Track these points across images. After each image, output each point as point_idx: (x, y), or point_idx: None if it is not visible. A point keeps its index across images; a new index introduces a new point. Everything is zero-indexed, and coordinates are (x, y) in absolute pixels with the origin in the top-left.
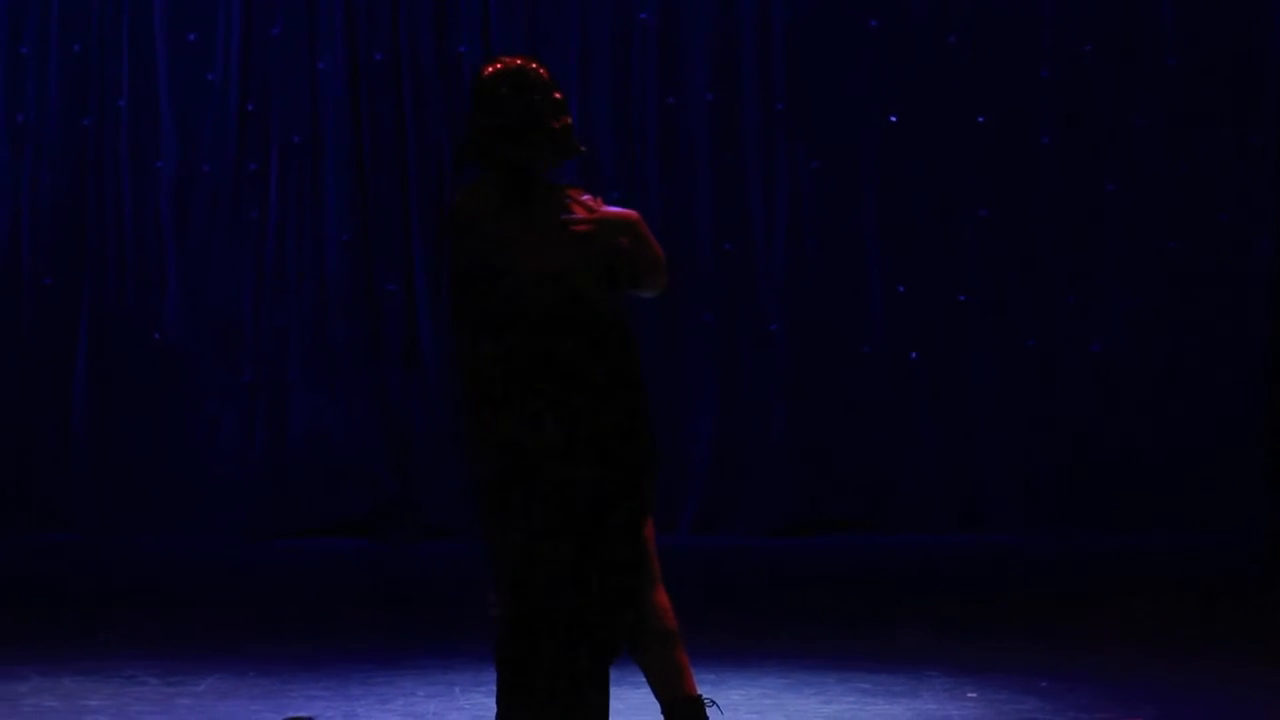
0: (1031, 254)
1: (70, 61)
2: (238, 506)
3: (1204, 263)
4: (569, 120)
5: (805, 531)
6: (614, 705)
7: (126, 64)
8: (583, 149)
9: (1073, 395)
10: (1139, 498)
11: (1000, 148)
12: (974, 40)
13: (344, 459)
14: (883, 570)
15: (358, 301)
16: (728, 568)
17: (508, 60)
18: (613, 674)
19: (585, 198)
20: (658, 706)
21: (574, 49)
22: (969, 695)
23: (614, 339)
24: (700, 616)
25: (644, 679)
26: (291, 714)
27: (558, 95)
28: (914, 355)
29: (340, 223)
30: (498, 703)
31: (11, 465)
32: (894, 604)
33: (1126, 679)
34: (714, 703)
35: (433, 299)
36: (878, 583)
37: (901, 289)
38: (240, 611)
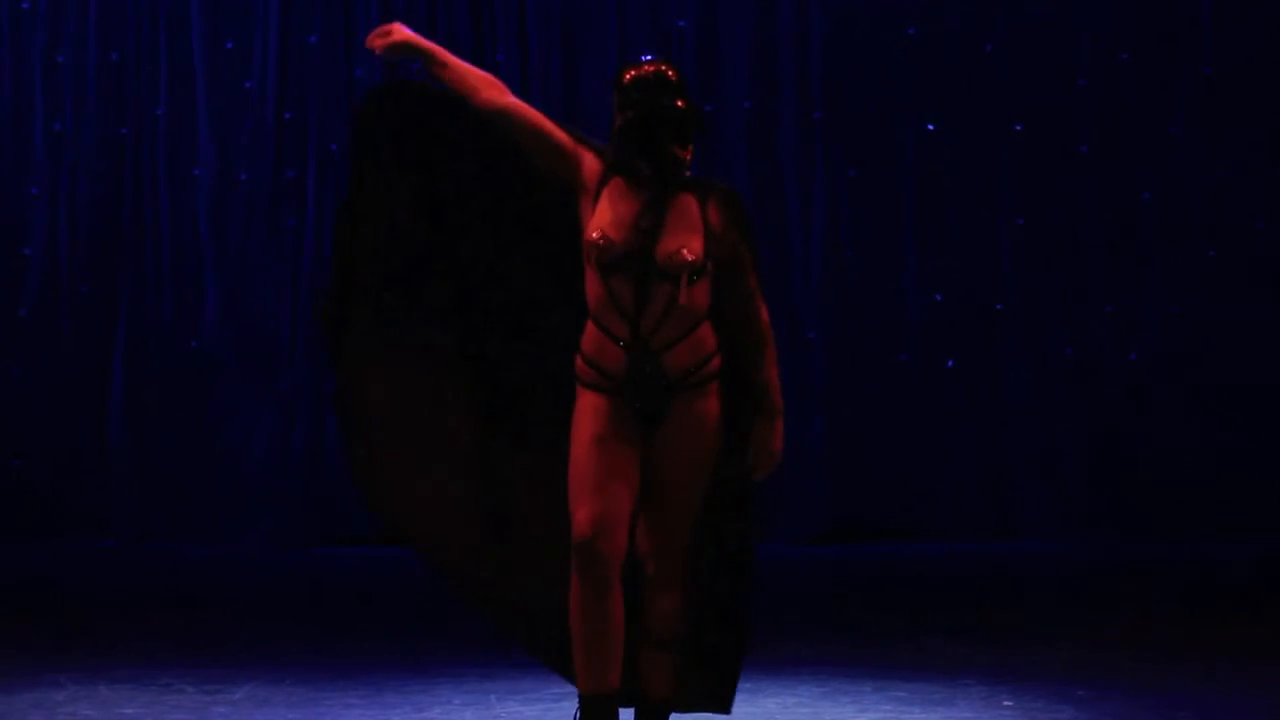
0: (1068, 262)
1: (108, 70)
2: (275, 514)
3: (1241, 271)
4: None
5: (842, 539)
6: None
7: (164, 72)
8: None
9: (1110, 403)
10: (1176, 505)
11: (1037, 156)
12: (1011, 49)
13: None
14: (919, 578)
15: None
16: (764, 575)
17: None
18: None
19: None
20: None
21: (611, 57)
22: (1005, 703)
23: None
24: None
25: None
26: None
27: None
28: (950, 363)
29: None
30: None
31: (50, 472)
32: (930, 612)
33: (1163, 687)
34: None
35: None
36: (914, 590)
37: (939, 297)
38: (277, 619)
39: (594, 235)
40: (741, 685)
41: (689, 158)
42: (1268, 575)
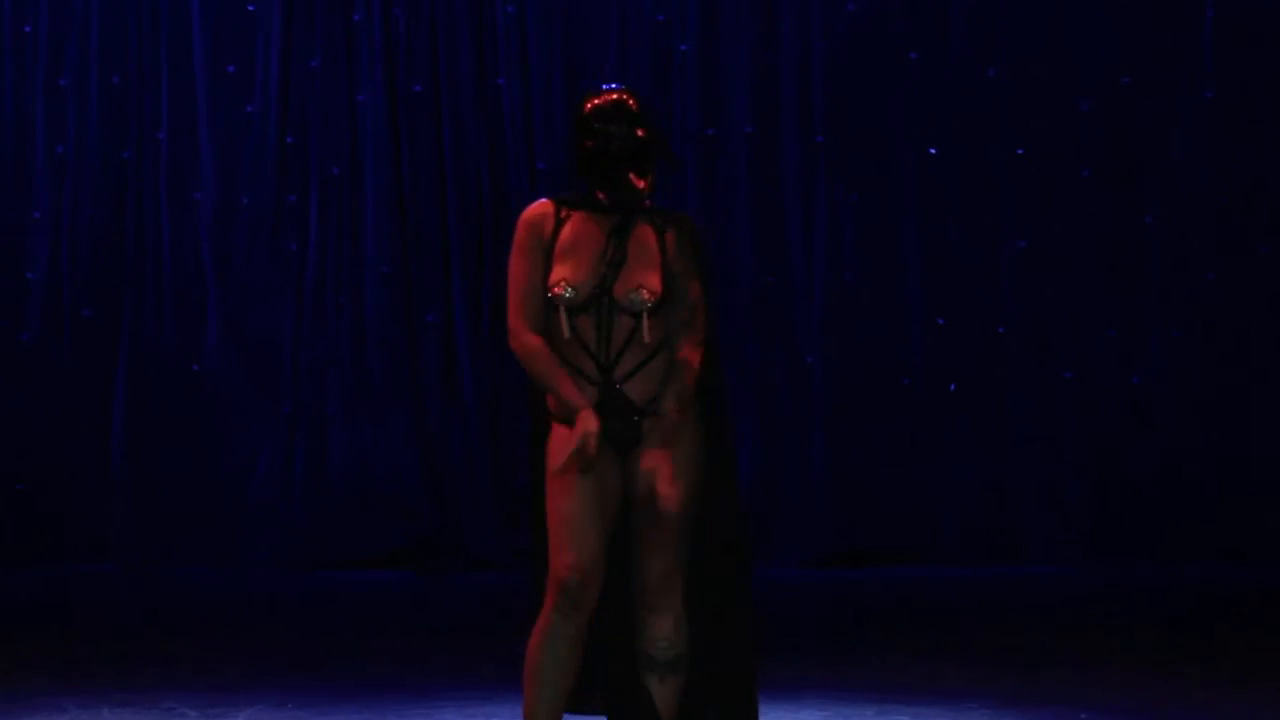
0: (1070, 286)
1: (109, 93)
2: (276, 538)
3: (1243, 295)
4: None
5: (844, 563)
6: None
7: (166, 96)
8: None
9: (1112, 427)
10: (1179, 530)
11: (1039, 180)
12: (1013, 73)
13: (383, 490)
14: (922, 602)
15: (397, 333)
16: (767, 600)
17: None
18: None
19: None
20: None
21: (613, 80)
22: None
23: None
24: None
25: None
26: None
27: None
28: (953, 387)
29: (379, 254)
30: None
31: (51, 495)
32: (933, 636)
33: (1167, 711)
34: None
35: (471, 330)
36: (917, 615)
37: (941, 321)
38: (279, 643)
39: (558, 289)
40: None
41: (649, 188)
42: (1271, 597)
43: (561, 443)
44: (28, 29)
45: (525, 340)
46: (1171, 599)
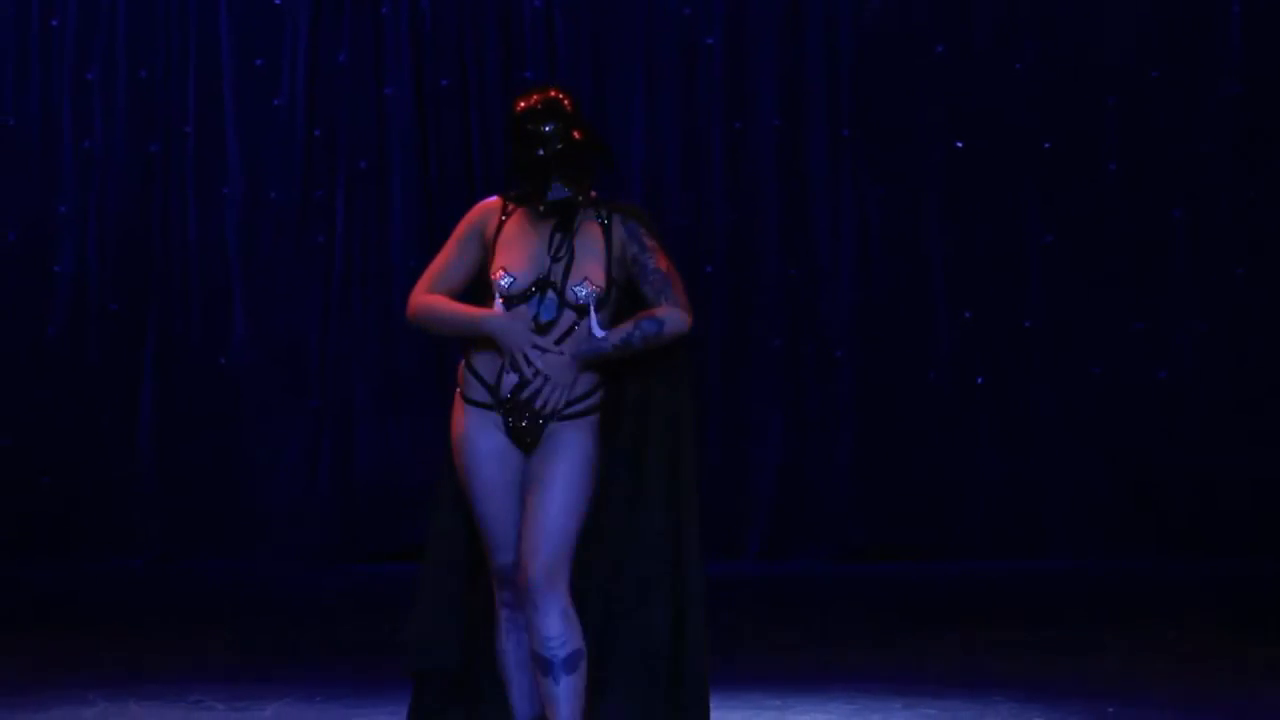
0: (1097, 280)
1: (137, 87)
2: (304, 532)
3: (1270, 289)
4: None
5: (871, 557)
6: None
7: (193, 90)
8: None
9: (1138, 422)
10: (1204, 524)
11: (1066, 174)
12: (1039, 66)
13: (410, 484)
14: (948, 596)
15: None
16: (793, 594)
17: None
18: None
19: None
20: None
21: (640, 74)
22: None
23: None
24: (765, 642)
25: None
26: None
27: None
28: (979, 381)
29: (407, 248)
30: None
31: (78, 490)
32: (960, 630)
33: (1192, 705)
34: None
35: None
36: (943, 608)
37: (967, 315)
38: (306, 636)
39: (496, 275)
40: (770, 704)
41: (587, 188)
42: None
43: (474, 426)
44: (55, 23)
45: (418, 300)
46: (1198, 593)
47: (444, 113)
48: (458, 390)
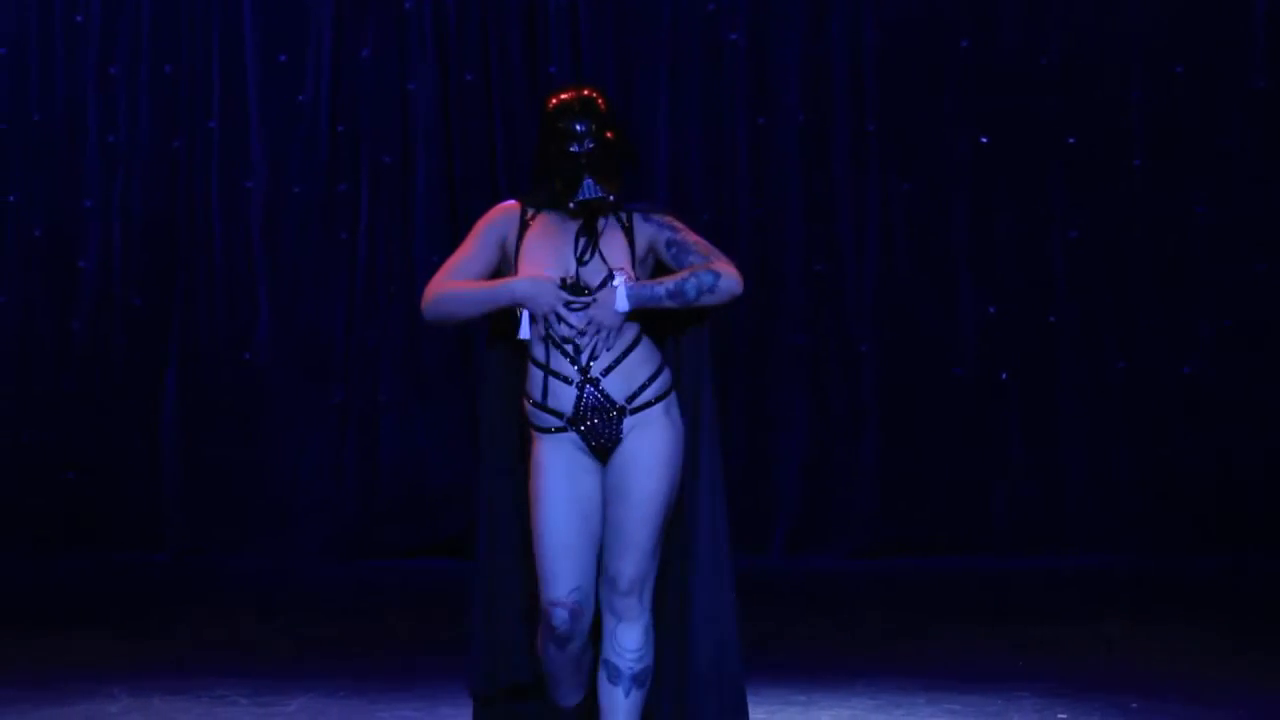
0: (1122, 276)
1: (161, 83)
2: (328, 526)
3: None
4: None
5: (895, 552)
6: None
7: (217, 85)
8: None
9: (1163, 417)
10: (1229, 520)
11: (1090, 169)
12: (1064, 61)
13: (434, 479)
14: (973, 591)
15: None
16: (817, 589)
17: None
18: None
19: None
20: None
21: (664, 70)
22: (1060, 716)
23: None
24: (790, 637)
25: None
26: None
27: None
28: (1004, 376)
29: (431, 243)
30: None
31: (101, 484)
32: (984, 625)
33: (1216, 700)
34: None
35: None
36: (967, 603)
37: (992, 310)
38: (331, 631)
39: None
40: (794, 698)
41: (618, 188)
42: None
43: (544, 454)
44: (79, 18)
45: (434, 289)
46: (1223, 589)
47: (468, 108)
48: (530, 431)
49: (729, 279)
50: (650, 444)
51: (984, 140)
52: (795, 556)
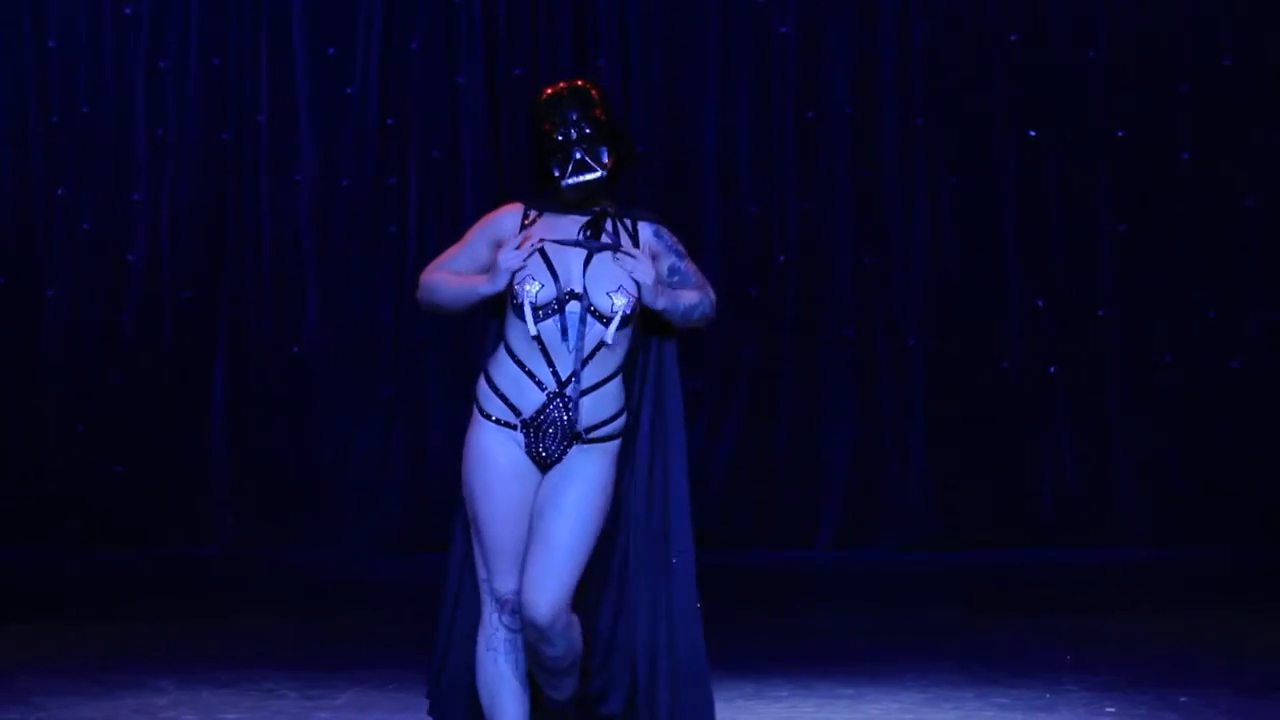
0: (1170, 269)
1: (210, 76)
2: (376, 520)
3: None
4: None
5: (943, 546)
6: None
7: (266, 78)
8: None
9: (1212, 411)
10: (1278, 512)
11: (1139, 162)
12: (1113, 55)
13: None
14: (1021, 584)
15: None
16: (866, 583)
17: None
18: None
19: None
20: None
21: (714, 63)
22: (1107, 710)
23: None
24: (838, 631)
25: None
26: None
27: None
28: (1052, 370)
29: None
30: None
31: (150, 477)
32: (1033, 618)
33: (1265, 694)
34: None
35: None
36: (1016, 597)
37: (1040, 304)
38: (379, 625)
39: (528, 285)
40: (842, 692)
41: (610, 171)
42: None
43: (489, 446)
44: (128, 11)
45: (426, 277)
46: (1273, 582)
47: (517, 101)
48: (475, 406)
49: (709, 307)
50: (590, 469)
51: (1032, 134)
52: (842, 550)
